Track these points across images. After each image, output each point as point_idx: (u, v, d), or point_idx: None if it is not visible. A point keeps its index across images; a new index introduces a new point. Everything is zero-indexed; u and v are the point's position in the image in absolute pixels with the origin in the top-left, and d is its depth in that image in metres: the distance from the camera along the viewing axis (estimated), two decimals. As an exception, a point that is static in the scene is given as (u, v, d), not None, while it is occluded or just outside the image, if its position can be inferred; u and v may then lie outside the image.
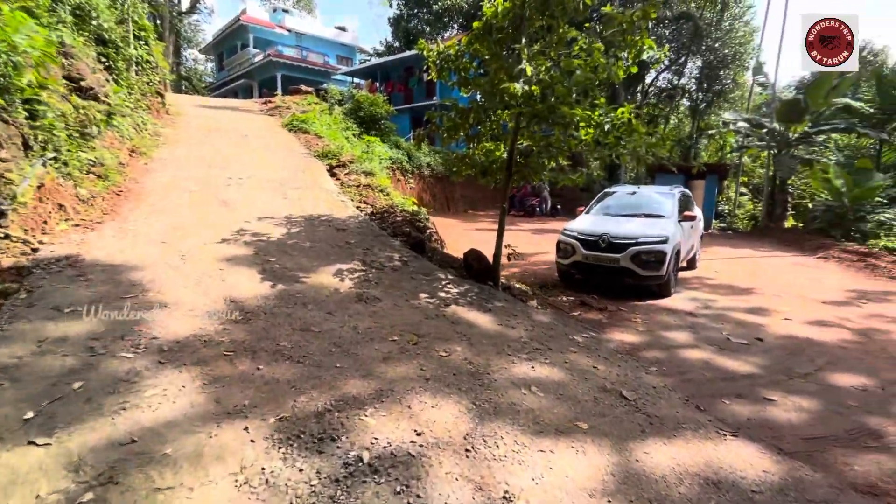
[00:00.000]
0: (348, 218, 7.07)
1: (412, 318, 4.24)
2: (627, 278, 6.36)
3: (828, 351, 4.48)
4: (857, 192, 12.91)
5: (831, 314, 5.78)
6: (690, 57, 22.70)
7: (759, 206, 21.30)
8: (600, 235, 6.57)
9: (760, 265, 9.52)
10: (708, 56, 21.66)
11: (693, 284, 7.38)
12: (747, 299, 6.47)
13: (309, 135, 12.76)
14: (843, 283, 7.63)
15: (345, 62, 35.30)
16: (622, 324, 5.22)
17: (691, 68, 24.18)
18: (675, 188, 7.96)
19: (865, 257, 9.53)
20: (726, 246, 12.70)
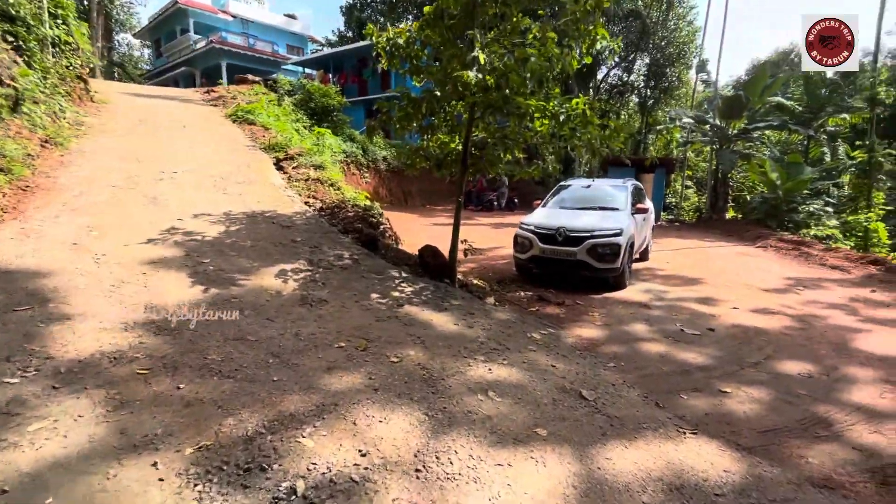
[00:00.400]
0: (295, 214, 6.62)
1: (362, 321, 3.94)
2: (584, 271, 6.34)
3: (774, 339, 4.60)
4: (790, 185, 13.75)
5: (774, 302, 6.00)
6: (639, 54, 23.42)
7: (704, 199, 22.40)
8: (557, 229, 6.50)
9: (707, 255, 9.89)
10: (655, 54, 22.43)
11: (646, 276, 7.49)
12: (697, 289, 6.62)
13: (255, 126, 12.01)
14: (782, 271, 8.02)
15: (295, 52, 33.85)
16: (580, 318, 5.15)
17: (640, 66, 24.99)
18: (627, 181, 8.07)
19: (799, 246, 10.12)
20: (675, 237, 13.17)
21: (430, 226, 12.86)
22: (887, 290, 6.62)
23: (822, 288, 6.81)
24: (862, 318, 5.33)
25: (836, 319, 5.29)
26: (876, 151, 12.82)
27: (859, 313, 5.55)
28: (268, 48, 30.10)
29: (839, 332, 4.85)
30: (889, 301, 6.10)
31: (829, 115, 16.92)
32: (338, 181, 8.54)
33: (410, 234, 10.11)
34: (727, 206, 19.58)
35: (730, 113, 15.09)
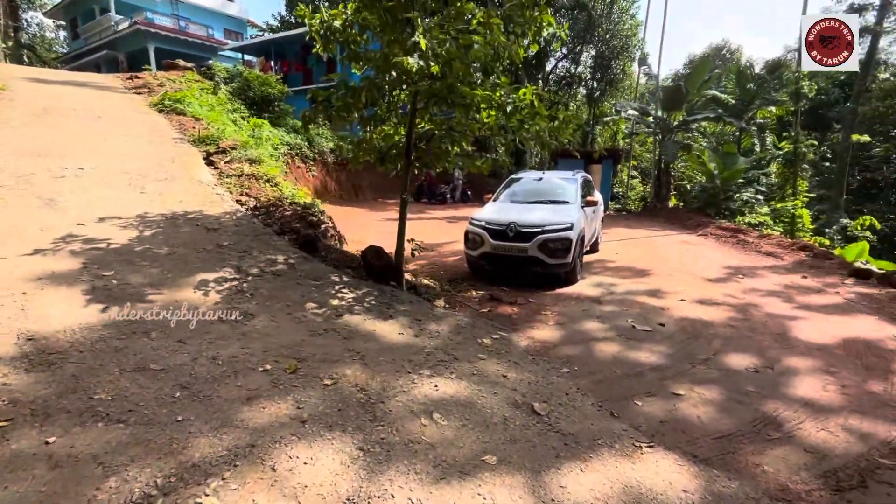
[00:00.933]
0: (224, 214, 6.00)
1: (294, 338, 3.53)
2: (536, 267, 6.19)
3: (720, 332, 4.62)
4: (726, 174, 14.45)
5: (717, 292, 6.12)
6: (585, 46, 23.81)
7: (648, 188, 23.27)
8: (508, 225, 6.31)
9: (653, 244, 10.12)
10: (600, 46, 22.88)
11: (596, 269, 7.49)
12: (646, 281, 6.66)
13: (184, 117, 10.99)
14: (722, 259, 8.30)
15: (234, 37, 31.77)
16: (533, 318, 4.97)
17: (586, 58, 25.45)
18: (577, 173, 8.02)
19: (736, 233, 10.59)
20: (623, 226, 13.48)
21: (381, 221, 12.37)
22: (817, 276, 6.97)
23: (759, 276, 7.06)
24: (797, 306, 5.52)
25: (775, 308, 5.44)
26: (801, 142, 13.67)
27: (794, 300, 5.76)
28: (202, 32, 27.97)
29: (778, 321, 4.97)
30: (819, 286, 6.40)
31: (757, 107, 17.97)
32: (275, 176, 7.91)
33: (359, 230, 9.64)
34: (670, 194, 20.42)
35: (671, 104, 15.61)
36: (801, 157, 14.15)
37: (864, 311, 5.32)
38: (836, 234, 17.36)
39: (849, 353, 4.13)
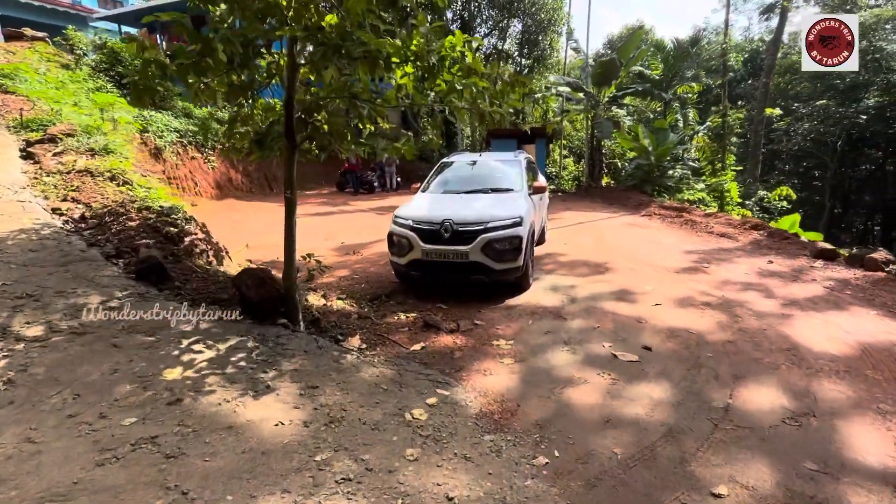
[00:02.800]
0: (16, 233, 4.01)
1: (72, 470, 1.89)
2: (480, 276, 4.89)
3: (720, 351, 3.61)
4: (660, 150, 14.13)
5: (690, 288, 5.21)
6: (510, 20, 22.78)
7: (581, 168, 23.04)
8: (442, 223, 4.92)
9: (600, 230, 9.28)
10: (526, 20, 21.95)
11: (548, 265, 6.38)
12: (607, 280, 5.63)
13: (10, 96, 8.31)
14: (678, 244, 7.56)
15: (111, 5, 27.01)
16: (482, 352, 3.66)
17: (513, 33, 24.49)
18: (519, 154, 6.78)
19: (681, 213, 10.07)
20: (563, 209, 12.66)
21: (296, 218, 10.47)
22: (782, 259, 6.36)
23: (724, 263, 6.31)
24: (783, 302, 4.71)
25: (761, 306, 4.59)
26: (728, 116, 13.62)
27: (776, 294, 4.97)
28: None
29: (775, 326, 4.08)
30: (791, 273, 5.73)
31: (680, 82, 18.02)
32: (125, 171, 5.84)
33: (262, 234, 7.81)
34: (602, 173, 20.21)
35: (604, 78, 14.98)
36: (730, 130, 14.19)
37: (854, 302, 4.61)
38: (754, 206, 18.03)
39: (878, 368, 3.26)
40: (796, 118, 26.63)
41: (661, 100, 17.57)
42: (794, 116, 26.47)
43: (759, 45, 28.30)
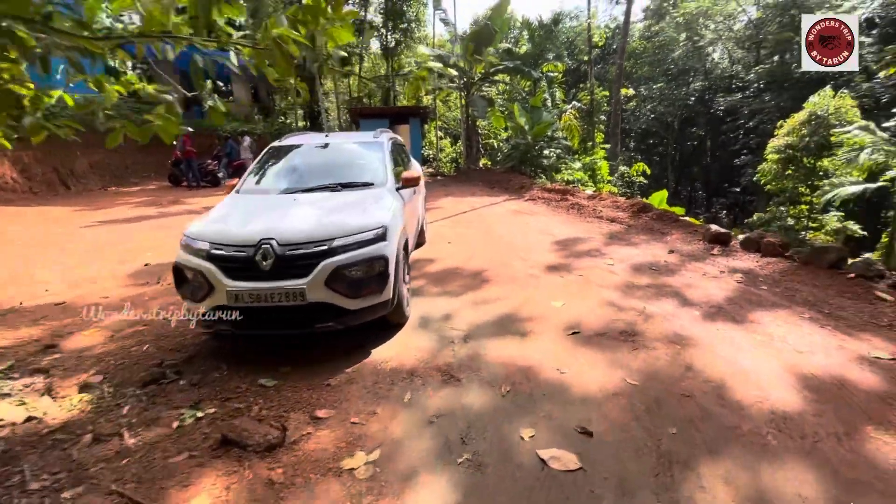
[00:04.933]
0: None
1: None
2: (328, 323, 3.16)
3: (684, 421, 2.47)
4: (537, 129, 13.67)
5: (601, 299, 4.18)
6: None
7: (458, 149, 22.22)
8: (258, 245, 3.06)
9: (486, 219, 8.15)
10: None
11: (425, 278, 4.92)
12: (506, 296, 4.35)
13: None
14: (570, 232, 6.70)
15: None
16: (320, 496, 1.99)
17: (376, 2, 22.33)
18: (381, 133, 5.06)
19: (565, 195, 9.47)
20: (443, 195, 11.41)
21: (93, 228, 7.61)
22: (678, 244, 5.79)
23: (626, 255, 5.51)
24: (707, 310, 3.89)
25: (687, 321, 3.69)
26: (596, 94, 13.63)
27: (694, 300, 4.16)
28: None
29: (721, 356, 3.13)
30: (694, 265, 5.09)
31: (546, 62, 18.03)
32: None
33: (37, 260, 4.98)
34: (480, 154, 19.58)
35: (477, 49, 13.89)
36: (598, 108, 14.33)
37: (778, 302, 3.97)
38: (618, 181, 19.08)
39: (841, 417, 2.40)
40: (641, 99, 29.37)
41: (531, 78, 17.30)
42: (639, 98, 29.13)
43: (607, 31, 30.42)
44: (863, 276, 4.14)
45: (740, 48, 28.93)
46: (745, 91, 25.51)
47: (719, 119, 28.01)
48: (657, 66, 28.98)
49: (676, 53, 29.20)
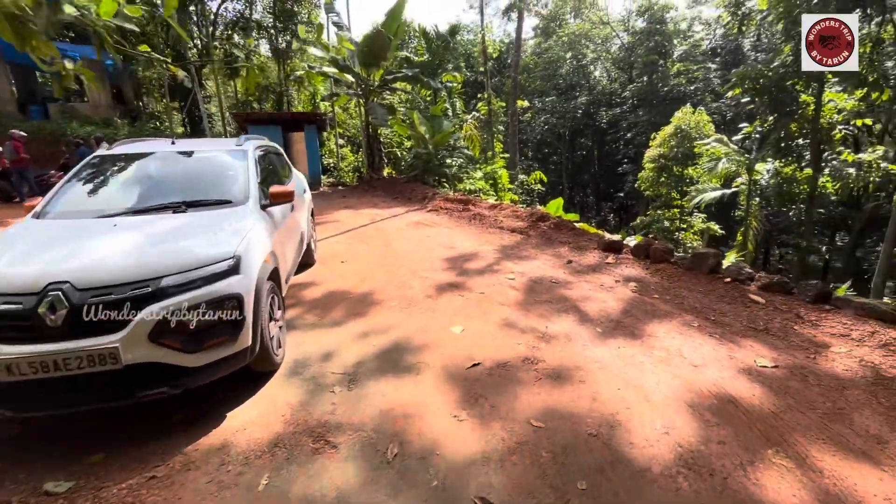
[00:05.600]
0: None
1: None
2: (160, 389, 2.39)
3: (595, 471, 2.16)
4: (438, 138, 13.50)
5: (502, 321, 3.89)
6: (257, -17, 19.08)
7: (360, 158, 21.39)
8: (43, 291, 2.20)
9: (385, 232, 7.62)
10: (275, -16, 18.65)
11: (301, 309, 4.25)
12: (399, 324, 3.86)
13: None
14: (473, 246, 6.44)
15: None
16: None
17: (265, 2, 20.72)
18: (246, 140, 4.26)
19: (466, 205, 9.31)
20: (342, 207, 10.65)
21: None
22: (575, 254, 5.80)
23: (527, 269, 5.35)
24: (607, 326, 3.78)
25: (586, 342, 3.52)
26: (493, 104, 13.87)
27: (595, 317, 4.05)
28: None
29: (625, 380, 2.96)
30: (592, 277, 5.08)
31: (444, 72, 18.09)
32: None
33: None
34: (383, 163, 19.00)
35: (373, 54, 13.34)
36: (496, 118, 14.61)
37: (670, 310, 4.00)
38: (518, 190, 19.78)
39: (775, 441, 2.32)
40: (536, 111, 31.16)
41: (430, 87, 17.21)
42: (534, 110, 30.88)
43: (502, 45, 31.89)
44: (736, 280, 4.37)
45: (617, 68, 32.13)
46: (623, 106, 28.33)
47: (603, 131, 30.77)
48: (548, 81, 30.99)
49: (564, 70, 31.52)
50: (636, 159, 24.44)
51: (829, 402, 2.62)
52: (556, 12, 32.40)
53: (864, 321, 3.52)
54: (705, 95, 22.24)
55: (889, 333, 3.31)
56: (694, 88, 23.29)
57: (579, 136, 33.86)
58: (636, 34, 28.52)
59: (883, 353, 3.12)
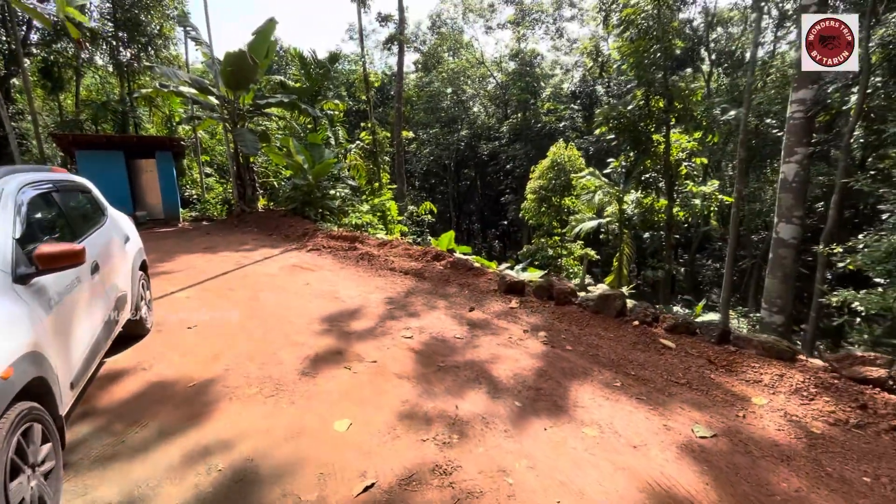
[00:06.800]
0: None
1: None
2: None
3: None
4: (318, 168, 12.37)
5: (400, 411, 3.06)
6: (91, -15, 16.13)
7: (229, 188, 19.01)
8: None
9: (254, 282, 6.29)
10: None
11: (92, 425, 2.92)
12: (239, 435, 2.79)
13: None
14: (359, 294, 5.53)
15: None
16: None
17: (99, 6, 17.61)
18: (7, 174, 2.86)
19: (353, 243, 8.36)
20: (202, 249, 8.89)
21: None
22: (475, 299, 5.25)
23: (424, 324, 4.60)
24: (525, 398, 3.18)
25: (523, 435, 2.87)
26: (378, 133, 13.27)
27: (513, 387, 3.44)
28: None
29: (574, 486, 2.33)
30: (498, 329, 4.53)
31: (325, 99, 17.14)
32: None
33: None
34: (257, 195, 17.04)
35: (238, 78, 11.84)
36: (381, 148, 14.00)
37: (587, 367, 3.57)
38: (407, 221, 19.33)
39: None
40: (421, 142, 31.52)
41: (309, 114, 16.05)
42: (419, 141, 31.20)
43: (384, 76, 31.95)
44: (644, 323, 4.17)
45: (493, 104, 34.30)
46: (500, 140, 30.12)
47: (485, 163, 32.27)
48: (431, 114, 31.71)
49: (445, 104, 32.64)
50: (517, 190, 25.89)
51: (782, 481, 2.29)
52: (434, 49, 33.65)
53: (768, 362, 3.46)
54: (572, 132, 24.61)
55: (794, 376, 3.25)
56: (562, 126, 25.66)
57: (463, 167, 35.10)
58: (509, 74, 30.83)
59: (799, 401, 3.00)
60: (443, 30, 34.54)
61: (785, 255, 10.47)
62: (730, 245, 11.03)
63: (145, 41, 17.71)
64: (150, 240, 10.62)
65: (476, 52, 35.26)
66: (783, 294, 10.69)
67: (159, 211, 14.52)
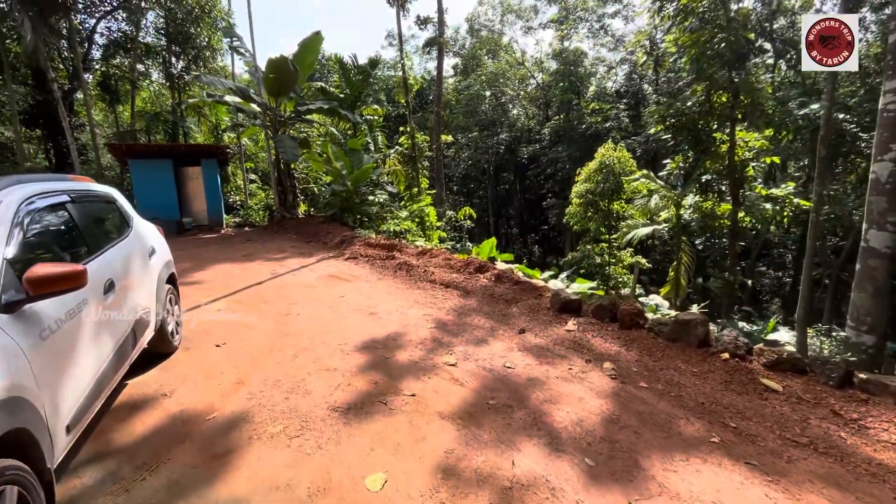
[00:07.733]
0: None
1: None
2: None
3: None
4: (357, 174, 12.16)
5: (443, 448, 2.55)
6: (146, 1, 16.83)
7: (271, 195, 19.32)
8: None
9: (287, 293, 5.99)
10: (167, 3, 16.55)
11: (94, 473, 2.56)
12: (262, 493, 2.35)
13: None
14: (397, 309, 5.08)
15: None
16: None
17: (155, 20, 18.40)
18: (9, 185, 2.60)
19: (391, 251, 7.97)
20: (240, 258, 8.78)
21: None
22: (526, 318, 4.67)
23: (470, 340, 4.08)
24: (607, 450, 2.59)
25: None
26: (416, 137, 12.93)
27: (578, 438, 2.85)
28: None
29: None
30: (557, 361, 3.94)
31: (364, 105, 17.04)
32: None
33: None
34: (298, 201, 17.16)
35: (280, 85, 11.84)
36: (420, 152, 13.66)
37: (669, 413, 2.92)
38: (446, 226, 18.90)
39: None
40: (459, 147, 31.12)
41: (349, 120, 15.99)
42: (458, 145, 30.81)
43: (423, 81, 31.84)
44: (736, 356, 3.45)
45: (534, 106, 33.41)
46: (542, 143, 29.20)
47: (525, 166, 31.43)
48: (470, 117, 31.26)
49: (484, 107, 32.11)
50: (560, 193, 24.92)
51: None
52: (473, 52, 33.21)
53: (915, 416, 2.68)
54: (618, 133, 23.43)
55: (960, 439, 2.47)
56: (608, 126, 24.50)
57: (502, 171, 34.39)
58: (551, 74, 29.90)
59: (978, 479, 2.23)
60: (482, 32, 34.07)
61: (876, 266, 9.16)
62: (807, 255, 9.81)
63: (195, 53, 18.33)
64: (193, 246, 10.73)
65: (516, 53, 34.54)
66: (874, 311, 9.37)
67: (204, 217, 14.82)
